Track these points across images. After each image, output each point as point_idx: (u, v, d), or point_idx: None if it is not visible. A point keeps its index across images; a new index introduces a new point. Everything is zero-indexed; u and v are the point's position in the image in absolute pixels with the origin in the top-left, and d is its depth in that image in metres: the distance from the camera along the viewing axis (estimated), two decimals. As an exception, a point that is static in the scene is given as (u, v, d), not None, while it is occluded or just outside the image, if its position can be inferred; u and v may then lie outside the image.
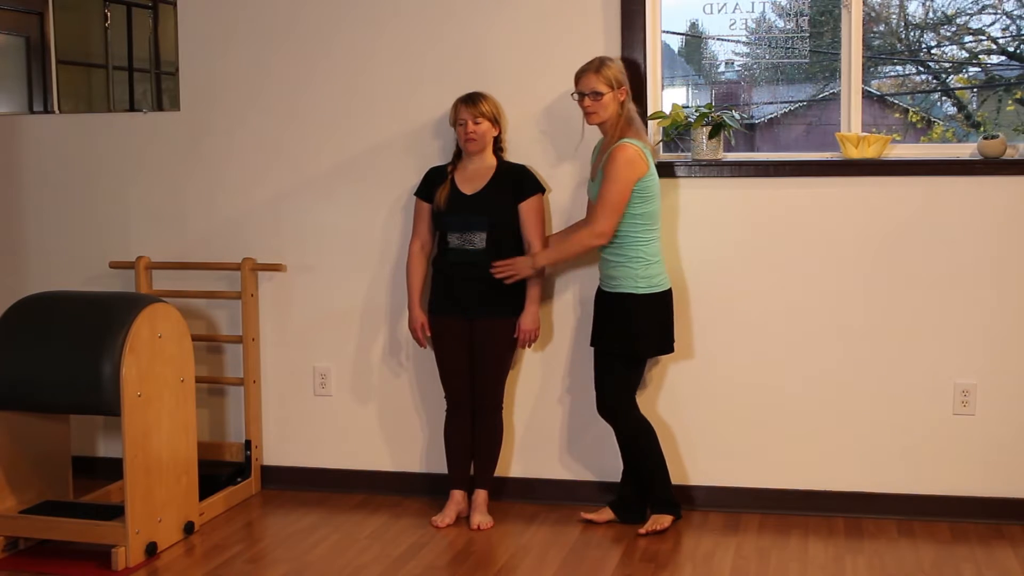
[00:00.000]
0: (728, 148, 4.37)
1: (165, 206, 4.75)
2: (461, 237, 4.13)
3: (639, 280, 3.94)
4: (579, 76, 3.95)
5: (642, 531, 4.04)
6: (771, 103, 5.11)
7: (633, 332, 3.96)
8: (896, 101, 5.15)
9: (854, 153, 4.16)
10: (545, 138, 4.33)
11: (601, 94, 3.90)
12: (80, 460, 4.61)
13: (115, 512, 3.92)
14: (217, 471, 4.55)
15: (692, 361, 4.30)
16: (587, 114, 3.96)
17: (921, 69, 5.22)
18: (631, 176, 3.85)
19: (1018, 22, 4.85)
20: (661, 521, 4.06)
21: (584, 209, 4.23)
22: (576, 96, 3.98)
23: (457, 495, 4.25)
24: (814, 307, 4.21)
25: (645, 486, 4.16)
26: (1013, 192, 4.05)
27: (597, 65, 3.93)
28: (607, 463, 4.38)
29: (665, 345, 4.06)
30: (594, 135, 4.12)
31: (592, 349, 4.14)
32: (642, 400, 4.21)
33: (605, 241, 3.91)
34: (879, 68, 5.11)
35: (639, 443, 4.07)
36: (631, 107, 3.97)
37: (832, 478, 4.25)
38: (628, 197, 3.86)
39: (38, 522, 3.89)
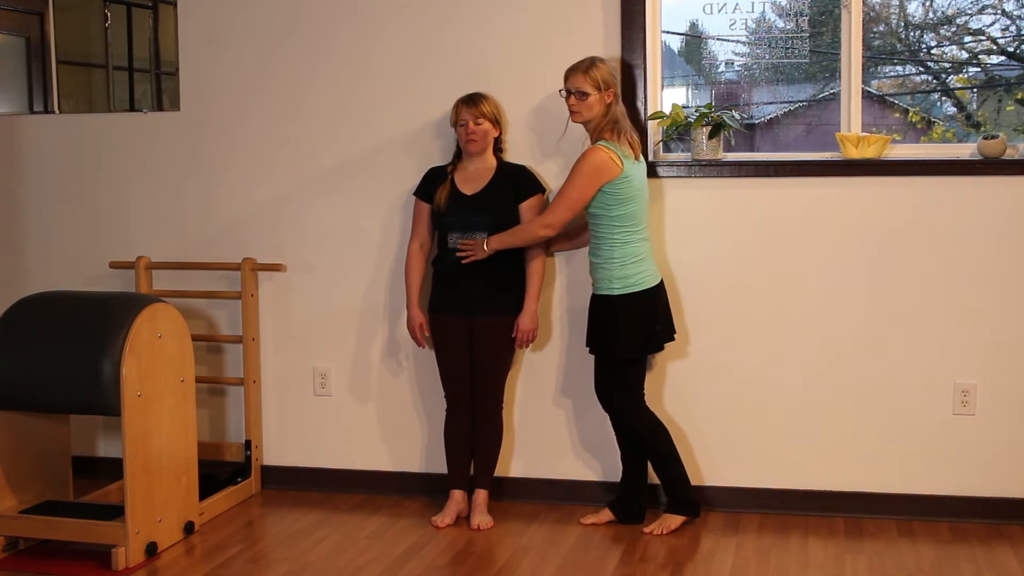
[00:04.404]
0: (728, 148, 4.37)
1: (165, 206, 4.75)
2: (461, 237, 4.13)
3: (614, 281, 3.94)
4: (568, 74, 3.96)
5: (648, 530, 4.04)
6: (771, 103, 5.11)
7: (612, 333, 3.96)
8: (896, 101, 5.15)
9: (854, 153, 4.16)
10: (545, 138, 4.33)
11: (587, 94, 3.91)
12: (80, 460, 4.62)
13: (115, 512, 3.92)
14: (217, 471, 4.55)
15: (690, 361, 4.30)
16: (571, 112, 3.97)
17: (921, 69, 5.22)
18: (594, 179, 3.87)
19: (1018, 22, 4.85)
20: (669, 522, 4.06)
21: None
22: (563, 93, 3.98)
23: (457, 495, 4.25)
24: (814, 307, 4.21)
25: (643, 486, 4.17)
26: (1013, 192, 4.05)
27: (587, 65, 3.93)
28: (607, 463, 4.38)
29: (649, 344, 4.04)
30: (580, 130, 4.13)
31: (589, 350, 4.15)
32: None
33: (552, 233, 3.99)
34: (879, 68, 5.10)
35: (650, 442, 4.06)
36: (618, 109, 3.96)
37: (832, 478, 4.25)
38: (587, 198, 3.89)
39: (38, 522, 3.89)
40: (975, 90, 5.08)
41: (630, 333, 3.97)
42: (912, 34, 5.06)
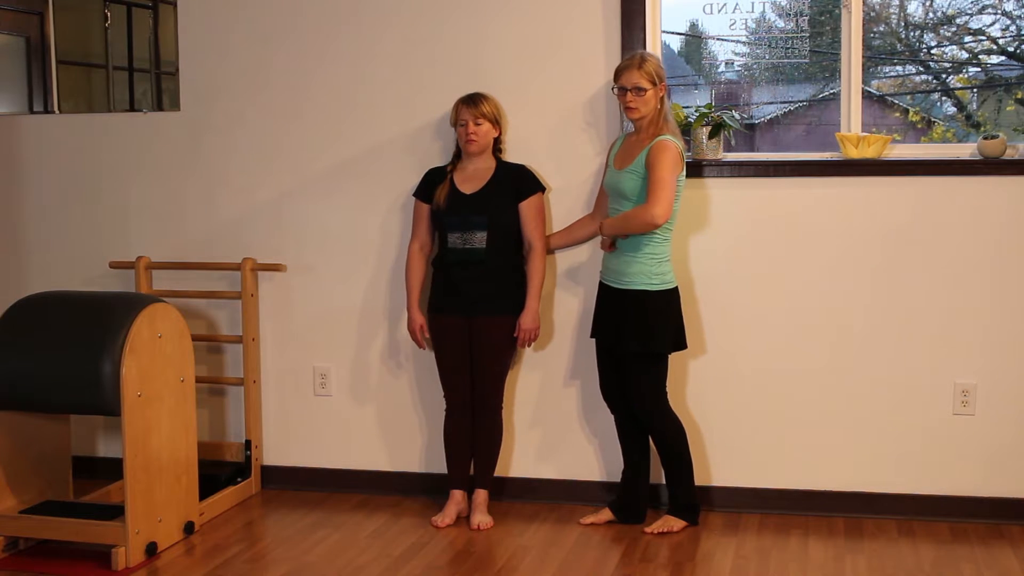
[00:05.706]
0: (728, 148, 4.37)
1: (165, 206, 4.75)
2: (461, 236, 4.14)
3: (652, 277, 3.93)
4: (620, 71, 3.93)
5: (649, 530, 4.04)
6: (771, 103, 5.11)
7: (650, 329, 3.94)
8: (896, 101, 5.15)
9: (854, 153, 4.16)
10: (545, 137, 4.33)
11: (644, 89, 3.88)
12: (80, 460, 4.61)
13: (115, 512, 3.92)
14: (217, 471, 4.55)
15: (691, 361, 4.30)
16: (628, 109, 3.92)
17: (921, 69, 5.23)
18: (676, 171, 3.85)
19: (1018, 22, 4.86)
20: (671, 524, 4.06)
21: (590, 204, 4.25)
22: (617, 91, 3.96)
23: (457, 495, 4.25)
24: (814, 307, 4.21)
25: (645, 486, 4.17)
26: (1013, 192, 4.05)
27: (639, 61, 3.90)
28: (607, 463, 4.38)
29: (680, 341, 4.05)
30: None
31: (592, 346, 4.15)
32: (642, 400, 4.21)
33: (660, 223, 3.81)
34: (879, 68, 5.11)
35: (672, 442, 4.05)
36: (668, 103, 3.97)
37: (832, 478, 4.25)
38: (675, 189, 3.86)
39: (38, 522, 3.89)
40: (975, 90, 5.08)
41: (665, 329, 3.96)
42: (912, 34, 5.07)
